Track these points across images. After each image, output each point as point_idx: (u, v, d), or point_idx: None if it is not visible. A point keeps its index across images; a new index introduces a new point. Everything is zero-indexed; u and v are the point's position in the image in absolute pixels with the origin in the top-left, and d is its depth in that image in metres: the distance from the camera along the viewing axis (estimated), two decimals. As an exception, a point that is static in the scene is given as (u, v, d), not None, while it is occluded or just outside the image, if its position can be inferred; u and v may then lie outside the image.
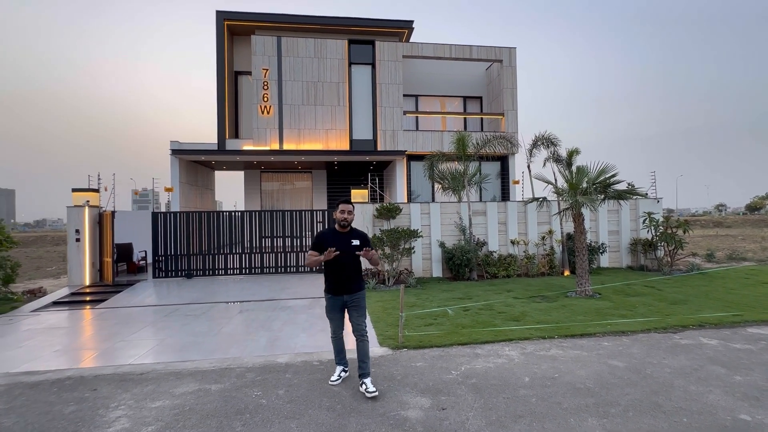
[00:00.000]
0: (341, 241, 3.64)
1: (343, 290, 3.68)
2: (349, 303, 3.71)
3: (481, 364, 4.19)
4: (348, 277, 3.67)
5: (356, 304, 3.72)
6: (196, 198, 15.40)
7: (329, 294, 3.74)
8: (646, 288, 7.98)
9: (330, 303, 3.75)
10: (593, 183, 7.50)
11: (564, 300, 7.12)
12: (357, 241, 3.68)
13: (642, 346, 4.66)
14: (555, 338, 5.02)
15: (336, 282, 3.68)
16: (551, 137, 11.05)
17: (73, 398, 3.61)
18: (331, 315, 3.79)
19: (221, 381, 3.91)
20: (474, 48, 15.35)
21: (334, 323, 3.81)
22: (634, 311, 6.20)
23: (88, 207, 9.24)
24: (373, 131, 14.87)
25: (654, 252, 10.59)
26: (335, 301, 3.72)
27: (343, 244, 3.63)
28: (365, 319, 3.79)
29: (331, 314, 3.79)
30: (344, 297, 3.69)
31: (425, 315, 6.19)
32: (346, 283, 3.67)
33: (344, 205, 3.70)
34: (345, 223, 3.69)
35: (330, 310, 3.77)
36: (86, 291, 8.82)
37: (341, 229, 3.72)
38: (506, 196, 15.39)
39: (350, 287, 3.68)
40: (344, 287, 3.67)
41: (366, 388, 3.50)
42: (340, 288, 3.67)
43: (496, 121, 15.92)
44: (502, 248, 10.51)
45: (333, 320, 3.80)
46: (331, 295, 3.73)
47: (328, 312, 3.79)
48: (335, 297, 3.70)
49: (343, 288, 3.67)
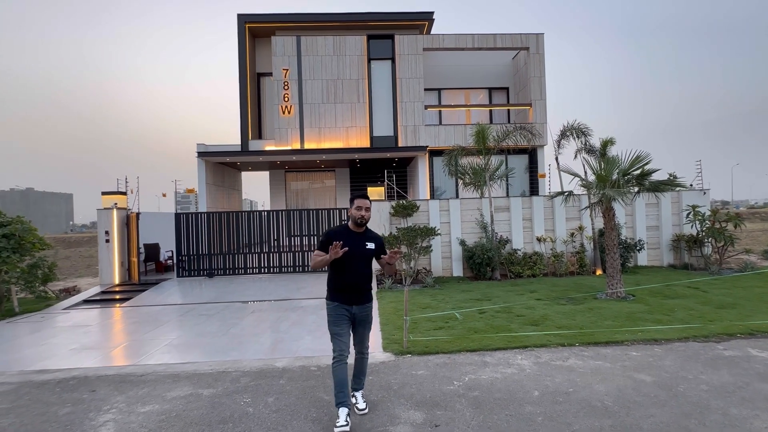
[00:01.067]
0: (355, 241, 3.06)
1: (352, 300, 3.10)
2: (358, 316, 3.13)
3: (487, 374, 3.85)
4: (359, 286, 3.11)
5: (365, 317, 3.19)
6: (222, 199, 15.81)
7: (336, 302, 3.11)
8: (688, 289, 7.21)
9: (336, 314, 3.09)
10: (625, 174, 6.84)
11: (592, 302, 6.55)
12: (372, 245, 3.15)
13: (677, 358, 4.12)
14: (575, 346, 4.57)
15: (345, 290, 3.10)
16: (581, 127, 10.30)
17: (71, 399, 3.64)
18: (337, 329, 3.06)
19: (215, 385, 3.83)
20: (498, 36, 14.67)
21: (340, 341, 3.04)
22: (672, 316, 5.57)
23: (116, 209, 9.63)
24: (393, 127, 14.59)
25: (700, 249, 9.62)
26: (342, 311, 3.09)
27: (357, 246, 3.07)
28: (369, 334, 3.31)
29: (337, 327, 3.06)
30: (353, 308, 3.10)
31: (437, 318, 5.88)
32: (357, 293, 3.11)
33: (361, 201, 3.10)
34: (362, 220, 3.09)
35: (335, 322, 3.08)
36: (115, 290, 9.21)
37: (356, 228, 3.14)
38: (535, 191, 14.63)
39: (361, 297, 3.13)
40: (354, 297, 3.11)
41: (356, 403, 3.20)
42: (349, 297, 3.10)
43: (524, 112, 15.16)
44: (527, 246, 9.94)
45: (339, 336, 3.05)
46: (338, 304, 3.10)
47: (332, 325, 3.08)
48: (343, 307, 3.09)
49: (352, 298, 3.11)
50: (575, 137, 10.33)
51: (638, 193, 7.30)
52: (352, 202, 3.16)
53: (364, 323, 3.20)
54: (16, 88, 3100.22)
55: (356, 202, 3.12)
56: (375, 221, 9.81)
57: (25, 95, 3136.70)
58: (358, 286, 3.11)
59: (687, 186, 8.00)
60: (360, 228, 3.15)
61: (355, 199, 3.14)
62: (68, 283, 11.94)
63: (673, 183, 7.36)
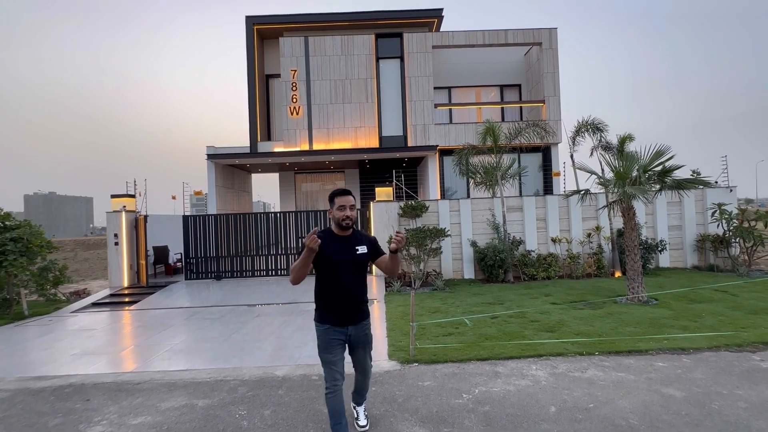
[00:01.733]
0: (342, 247, 2.57)
1: (346, 319, 2.58)
2: (354, 337, 2.62)
3: (499, 387, 3.58)
4: (353, 300, 2.59)
5: (363, 338, 2.67)
6: (233, 201, 15.81)
7: (326, 324, 2.57)
8: (716, 293, 6.77)
9: (326, 338, 2.56)
10: (646, 171, 6.46)
11: (611, 307, 6.19)
12: (363, 248, 2.61)
13: (708, 370, 3.77)
14: (595, 355, 4.25)
15: (335, 308, 2.57)
16: (597, 123, 9.89)
17: (63, 409, 3.52)
18: (329, 356, 2.54)
19: (211, 395, 3.66)
20: (510, 32, 14.29)
21: (333, 369, 2.54)
22: (700, 322, 5.19)
23: (125, 212, 9.64)
24: (403, 127, 14.35)
25: (727, 249, 9.10)
26: (335, 334, 2.56)
27: (345, 252, 2.56)
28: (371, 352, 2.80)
29: (328, 354, 2.55)
30: (349, 329, 2.60)
31: (446, 323, 5.62)
32: (351, 309, 2.59)
33: (342, 198, 2.54)
34: (347, 222, 2.55)
35: (326, 347, 2.56)
36: (124, 292, 9.19)
37: (341, 232, 2.60)
38: (549, 190, 14.19)
39: (356, 315, 2.61)
40: (348, 315, 2.59)
41: (357, 419, 2.94)
42: (342, 316, 2.57)
43: (537, 109, 14.74)
44: (542, 247, 9.57)
45: (332, 365, 2.54)
46: (329, 326, 2.57)
47: (323, 351, 2.57)
48: (336, 329, 2.57)
49: (346, 316, 2.58)
50: (591, 134, 9.92)
51: (660, 191, 6.90)
52: (332, 201, 2.58)
53: (363, 344, 2.69)
54: (39, 97, 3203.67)
55: (337, 201, 2.54)
56: (383, 222, 9.59)
57: (47, 103, 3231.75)
58: (351, 300, 2.59)
59: (712, 183, 7.55)
60: (346, 231, 2.60)
61: (335, 198, 2.56)
62: (84, 285, 12.06)
63: (698, 180, 6.94)
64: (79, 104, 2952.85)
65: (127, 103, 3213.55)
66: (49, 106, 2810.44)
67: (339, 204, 2.55)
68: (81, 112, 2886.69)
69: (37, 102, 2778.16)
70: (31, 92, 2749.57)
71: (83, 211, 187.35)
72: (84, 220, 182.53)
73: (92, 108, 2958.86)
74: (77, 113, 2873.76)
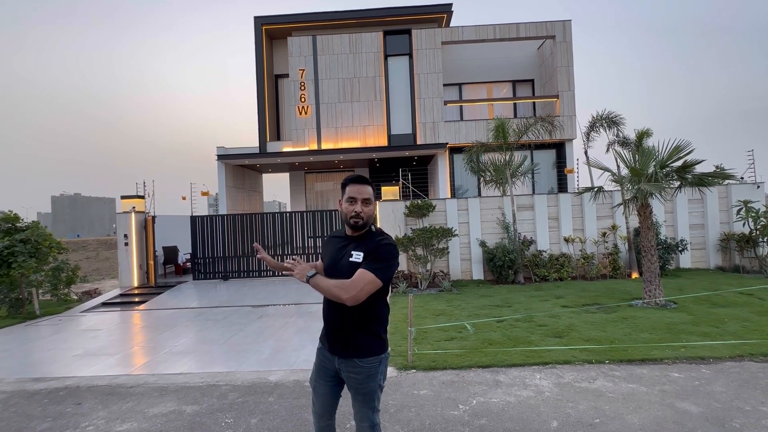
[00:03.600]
0: (337, 250, 1.95)
1: (332, 346, 1.94)
2: (343, 374, 1.92)
3: (499, 397, 3.37)
4: (333, 326, 1.92)
5: (353, 382, 1.90)
6: (243, 201, 15.90)
7: (321, 344, 2.05)
8: (740, 296, 6.36)
9: (317, 359, 2.05)
10: (663, 166, 6.10)
11: (626, 310, 5.87)
12: (360, 255, 1.84)
13: (729, 382, 3.48)
14: (605, 363, 3.99)
15: (324, 327, 2.00)
16: (613, 116, 9.50)
17: (53, 413, 3.49)
18: (312, 380, 2.05)
19: (200, 401, 3.57)
20: (522, 26, 13.88)
21: (314, 396, 2.02)
22: (722, 329, 4.84)
23: (134, 213, 9.75)
24: (412, 125, 14.13)
25: (753, 249, 8.58)
26: (325, 360, 1.99)
27: (335, 256, 1.94)
28: (375, 412, 1.96)
29: (313, 380, 2.04)
30: (336, 361, 1.92)
31: (449, 327, 5.42)
32: (333, 337, 1.93)
33: (355, 187, 1.89)
34: (358, 221, 1.87)
35: (315, 370, 2.04)
36: (133, 292, 9.30)
37: (353, 232, 1.92)
38: (563, 188, 13.74)
39: (340, 346, 1.91)
40: (333, 341, 1.93)
41: None
42: (328, 340, 1.96)
43: (550, 104, 14.28)
44: (554, 247, 9.23)
45: (313, 390, 2.04)
46: (321, 346, 2.04)
47: (312, 374, 2.07)
48: (325, 354, 1.99)
49: (331, 342, 1.94)
50: (606, 128, 9.54)
51: (680, 188, 6.52)
52: (343, 189, 1.92)
53: (354, 389, 1.91)
54: (60, 101, 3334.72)
55: (348, 191, 1.89)
56: (390, 222, 9.43)
57: (67, 107, 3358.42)
58: (332, 325, 1.93)
59: (737, 178, 7.09)
60: (357, 231, 1.90)
61: (346, 186, 1.91)
62: (97, 284, 12.31)
63: (722, 174, 6.50)
64: (96, 108, 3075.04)
65: (141, 107, 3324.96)
66: (69, 110, 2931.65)
67: (349, 195, 1.88)
68: (98, 115, 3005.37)
69: (58, 106, 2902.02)
70: (52, 97, 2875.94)
71: (106, 212, 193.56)
72: (107, 220, 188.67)
73: (109, 112, 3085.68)
74: (95, 117, 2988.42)
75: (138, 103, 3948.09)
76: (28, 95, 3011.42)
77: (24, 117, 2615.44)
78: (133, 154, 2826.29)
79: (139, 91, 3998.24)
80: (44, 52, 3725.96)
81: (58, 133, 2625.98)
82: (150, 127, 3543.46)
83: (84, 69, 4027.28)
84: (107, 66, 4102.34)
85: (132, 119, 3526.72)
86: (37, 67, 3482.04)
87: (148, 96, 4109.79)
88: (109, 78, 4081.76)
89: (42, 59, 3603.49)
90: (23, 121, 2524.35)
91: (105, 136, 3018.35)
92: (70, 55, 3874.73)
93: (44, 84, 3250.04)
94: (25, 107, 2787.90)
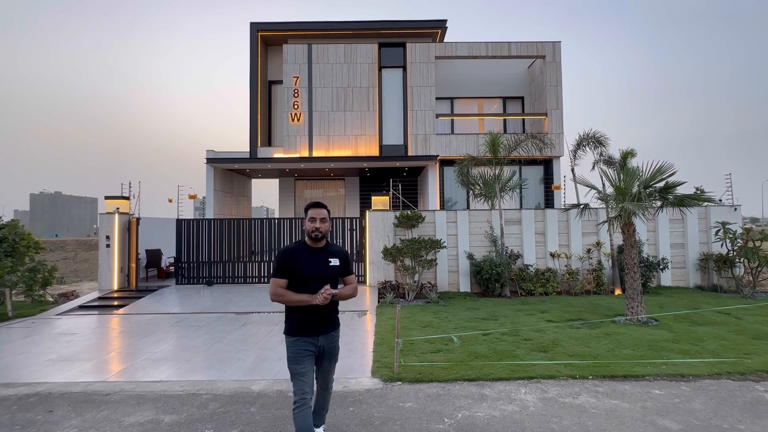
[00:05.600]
0: (316, 260, 2.60)
1: (317, 329, 2.59)
2: (325, 347, 2.64)
3: (484, 411, 3.37)
4: (325, 311, 2.61)
5: (332, 348, 2.69)
6: (231, 205, 15.71)
7: (297, 336, 2.56)
8: (718, 315, 6.53)
9: (296, 349, 2.54)
10: (647, 186, 6.28)
11: (609, 326, 5.96)
12: (336, 261, 2.64)
13: (708, 400, 3.55)
14: (589, 379, 4.03)
15: (308, 318, 2.56)
16: (599, 136, 9.76)
17: (22, 421, 3.34)
18: (299, 367, 2.52)
19: (179, 411, 3.47)
20: (513, 44, 14.25)
21: (302, 381, 2.50)
22: (701, 346, 4.95)
23: (118, 214, 9.53)
24: (403, 136, 14.27)
25: (731, 270, 8.84)
26: (307, 345, 2.56)
27: (319, 265, 2.59)
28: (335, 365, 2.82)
29: (298, 365, 2.52)
30: (320, 339, 2.60)
31: (436, 339, 5.41)
32: (323, 320, 2.60)
33: (315, 210, 2.60)
34: (318, 234, 2.58)
35: (296, 359, 2.53)
36: (113, 296, 9.03)
37: (313, 243, 2.63)
38: (550, 204, 13.99)
39: (327, 325, 2.64)
40: (320, 325, 2.60)
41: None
42: (314, 327, 2.58)
43: (539, 121, 14.63)
44: (540, 261, 9.35)
45: (301, 376, 2.51)
46: (298, 338, 2.55)
47: (292, 363, 2.53)
48: (306, 339, 2.56)
49: (317, 327, 2.59)
50: (592, 147, 9.78)
51: (661, 208, 6.72)
52: (306, 211, 2.65)
53: (331, 355, 2.70)
54: (47, 97, 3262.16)
55: (310, 213, 2.61)
56: (379, 231, 9.43)
57: (54, 103, 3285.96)
58: (325, 311, 2.59)
59: (716, 201, 7.34)
60: (318, 243, 2.62)
61: (308, 209, 2.63)
62: (75, 286, 11.93)
63: (701, 197, 6.75)
64: (87, 105, 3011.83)
65: (133, 106, 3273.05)
66: (58, 106, 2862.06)
67: (310, 216, 2.61)
68: (89, 112, 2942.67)
69: (47, 102, 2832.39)
70: (42, 92, 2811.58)
71: (87, 212, 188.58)
72: (88, 220, 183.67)
73: (100, 109, 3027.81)
74: (85, 114, 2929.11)
75: (131, 102, 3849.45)
76: (15, 88, 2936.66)
77: (11, 111, 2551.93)
78: (121, 154, 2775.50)
79: (133, 90, 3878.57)
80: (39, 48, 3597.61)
81: (44, 129, 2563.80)
82: (140, 127, 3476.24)
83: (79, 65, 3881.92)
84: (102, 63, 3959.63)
85: (123, 117, 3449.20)
86: (28, 61, 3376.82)
87: (141, 95, 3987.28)
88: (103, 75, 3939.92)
89: (36, 54, 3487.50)
90: (5, 116, 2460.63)
91: (94, 133, 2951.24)
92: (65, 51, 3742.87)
93: (33, 78, 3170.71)
94: (14, 101, 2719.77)
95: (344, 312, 7.29)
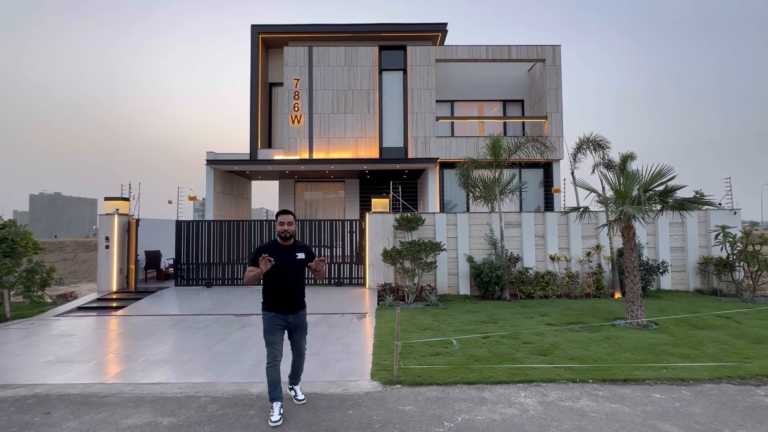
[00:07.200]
0: (284, 254, 3.43)
1: (287, 309, 3.42)
2: (293, 323, 3.47)
3: (484, 415, 3.35)
4: (292, 295, 3.44)
5: (300, 324, 3.52)
6: (231, 207, 15.70)
7: (271, 312, 3.41)
8: (718, 319, 6.52)
9: (270, 323, 3.39)
10: (646, 190, 6.28)
11: (609, 330, 5.95)
12: (302, 255, 3.51)
13: (708, 404, 3.53)
14: (589, 383, 4.02)
15: (279, 300, 3.40)
16: (599, 140, 9.76)
17: (20, 423, 3.32)
18: (272, 337, 3.37)
19: (177, 413, 3.45)
20: (513, 48, 14.30)
21: (274, 348, 3.36)
22: (701, 350, 4.94)
23: (118, 215, 9.52)
24: (404, 138, 14.29)
25: (730, 273, 8.84)
26: (277, 320, 3.40)
27: (287, 258, 3.43)
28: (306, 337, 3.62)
29: (271, 336, 3.37)
30: (289, 317, 3.44)
31: (435, 342, 5.39)
32: (291, 302, 3.44)
33: (283, 216, 3.50)
34: (286, 234, 3.46)
35: (270, 331, 3.38)
36: (112, 297, 9.01)
37: (283, 242, 3.49)
38: (550, 207, 14.00)
39: (295, 306, 3.46)
40: (289, 306, 3.43)
41: (295, 396, 3.63)
42: (284, 307, 3.41)
43: (539, 125, 14.66)
44: (540, 264, 9.34)
45: (273, 344, 3.36)
46: (273, 314, 3.40)
47: (267, 334, 3.38)
48: (279, 315, 3.40)
49: (287, 307, 3.42)
50: (592, 151, 9.78)
51: (661, 211, 6.72)
52: (276, 217, 3.54)
53: (300, 330, 3.52)
54: (48, 98, 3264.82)
55: (279, 218, 3.49)
56: (378, 234, 9.42)
57: (55, 104, 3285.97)
58: (292, 295, 3.43)
59: (716, 204, 7.35)
60: (287, 241, 3.49)
61: (278, 216, 3.53)
62: (74, 287, 11.90)
63: (701, 201, 6.74)
64: (88, 106, 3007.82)
65: (134, 107, 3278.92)
66: (59, 106, 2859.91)
67: (279, 221, 3.49)
68: (89, 113, 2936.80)
69: (48, 102, 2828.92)
70: (43, 92, 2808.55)
71: (87, 213, 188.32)
72: (88, 221, 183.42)
73: (100, 110, 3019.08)
74: (86, 115, 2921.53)
75: (131, 103, 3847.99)
76: (16, 89, 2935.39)
77: (11, 111, 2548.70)
78: (121, 155, 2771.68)
79: (134, 91, 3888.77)
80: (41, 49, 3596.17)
81: (44, 129, 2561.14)
82: (141, 128, 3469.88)
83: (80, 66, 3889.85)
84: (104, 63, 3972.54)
85: (124, 119, 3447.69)
86: (29, 62, 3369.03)
87: (142, 96, 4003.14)
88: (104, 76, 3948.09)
89: (38, 55, 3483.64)
90: (6, 116, 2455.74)
91: (94, 134, 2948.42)
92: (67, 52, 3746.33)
93: (35, 79, 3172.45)
94: (14, 101, 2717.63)
95: (344, 315, 7.30)
